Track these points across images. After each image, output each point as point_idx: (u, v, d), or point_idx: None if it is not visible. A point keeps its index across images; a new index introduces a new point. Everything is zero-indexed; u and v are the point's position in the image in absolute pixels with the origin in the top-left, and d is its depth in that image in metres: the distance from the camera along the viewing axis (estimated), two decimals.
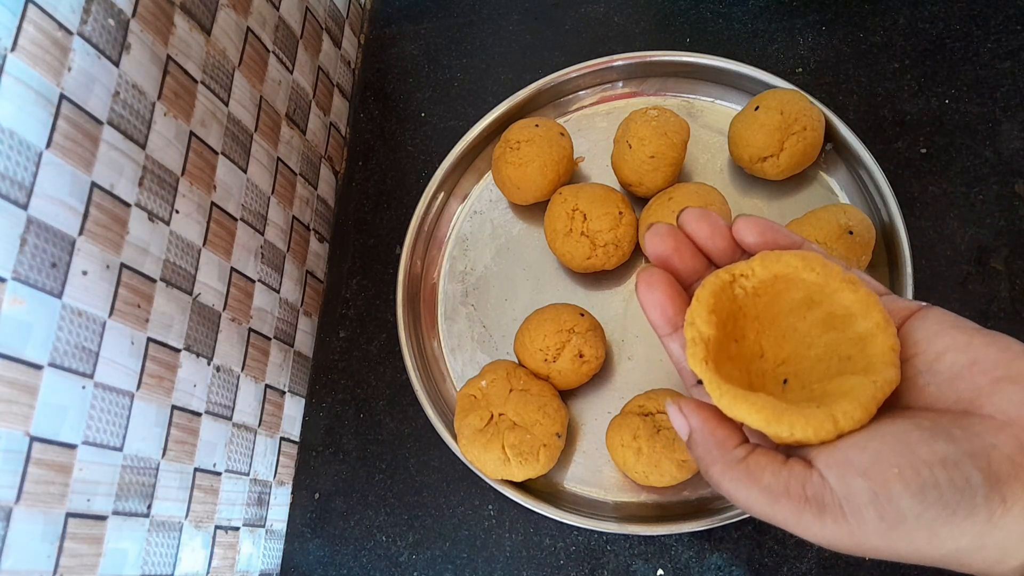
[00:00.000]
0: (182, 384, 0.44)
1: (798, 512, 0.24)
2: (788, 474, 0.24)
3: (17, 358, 0.32)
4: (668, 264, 0.29)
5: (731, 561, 0.46)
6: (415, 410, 0.54)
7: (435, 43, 0.68)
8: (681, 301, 0.29)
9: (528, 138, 0.53)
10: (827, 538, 0.24)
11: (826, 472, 0.24)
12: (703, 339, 0.26)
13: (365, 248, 0.62)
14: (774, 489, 0.24)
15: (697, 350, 0.26)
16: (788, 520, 0.24)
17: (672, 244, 0.29)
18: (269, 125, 0.54)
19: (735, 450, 0.26)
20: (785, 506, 0.24)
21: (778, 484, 0.24)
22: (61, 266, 0.35)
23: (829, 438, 0.24)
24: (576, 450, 0.50)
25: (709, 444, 0.26)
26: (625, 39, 0.63)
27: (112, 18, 0.38)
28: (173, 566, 0.42)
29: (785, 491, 0.24)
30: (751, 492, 0.25)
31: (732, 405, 0.25)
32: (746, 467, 0.25)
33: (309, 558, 0.53)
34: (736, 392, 0.25)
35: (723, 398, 0.25)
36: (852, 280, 0.26)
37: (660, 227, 0.29)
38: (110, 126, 0.38)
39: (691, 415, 0.27)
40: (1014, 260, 0.49)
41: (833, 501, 0.23)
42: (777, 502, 0.24)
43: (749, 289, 0.27)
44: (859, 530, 0.23)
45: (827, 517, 0.23)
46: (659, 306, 0.29)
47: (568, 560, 0.49)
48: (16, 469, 0.32)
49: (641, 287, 0.29)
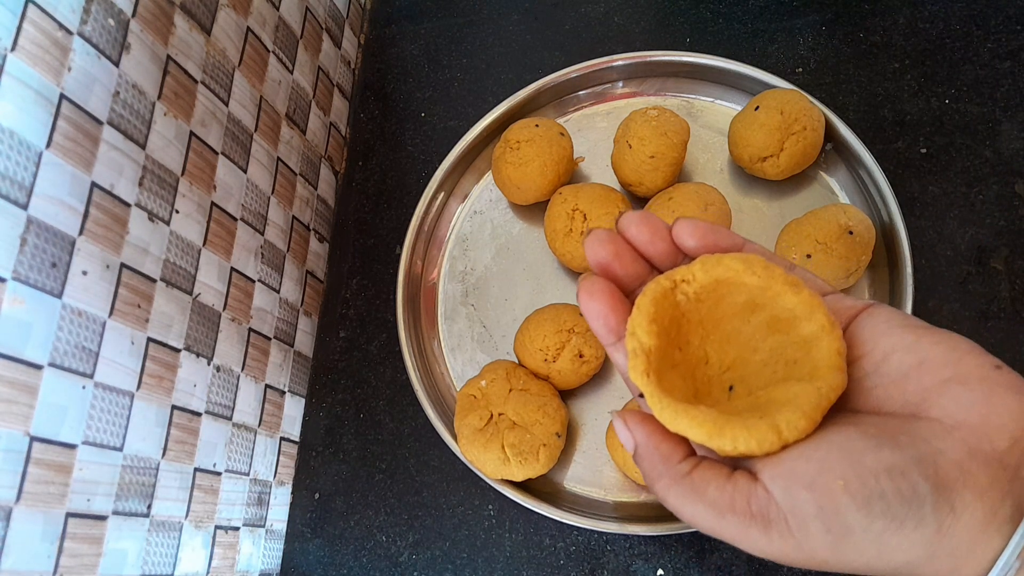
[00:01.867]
0: (182, 384, 0.44)
1: (744, 528, 0.23)
2: (733, 488, 0.24)
3: (17, 358, 0.32)
4: (609, 270, 0.28)
5: (731, 561, 0.46)
6: (415, 410, 0.54)
7: (435, 43, 0.68)
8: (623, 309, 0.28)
9: (528, 138, 0.53)
10: (774, 553, 0.23)
11: (771, 485, 0.23)
12: (644, 350, 0.26)
13: (365, 248, 0.62)
14: (719, 504, 0.24)
15: (638, 362, 0.25)
16: (735, 536, 0.23)
17: (612, 250, 0.28)
18: (269, 125, 0.54)
19: (680, 464, 0.25)
20: (731, 522, 0.23)
21: (723, 499, 0.24)
22: (61, 266, 0.35)
23: (773, 449, 0.23)
24: (576, 450, 0.50)
25: (654, 459, 0.25)
26: (625, 39, 0.63)
27: (112, 18, 0.38)
28: (173, 566, 0.42)
29: (730, 506, 0.23)
30: (696, 507, 0.24)
31: (673, 419, 0.24)
32: (691, 482, 0.24)
33: (309, 558, 0.53)
34: (676, 406, 0.25)
35: (664, 412, 0.25)
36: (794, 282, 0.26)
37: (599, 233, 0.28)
38: (110, 126, 0.38)
39: (635, 428, 0.26)
40: (1014, 260, 0.49)
41: (779, 516, 0.23)
42: (723, 517, 0.23)
43: (691, 294, 0.27)
44: (806, 544, 0.22)
45: (773, 532, 0.23)
46: (601, 316, 0.28)
47: (568, 560, 0.49)
48: (16, 469, 0.32)
49: (582, 296, 0.28)
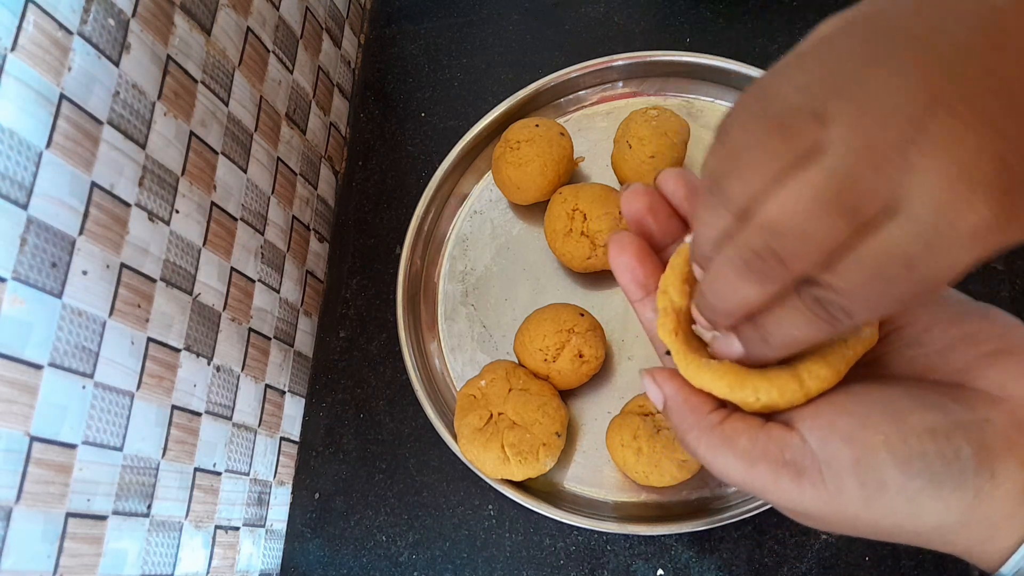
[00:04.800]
0: (182, 384, 0.44)
1: (776, 477, 0.23)
2: (766, 438, 0.23)
3: (17, 358, 0.32)
4: (643, 225, 0.28)
5: (731, 561, 0.46)
6: (415, 410, 0.54)
7: (435, 43, 0.68)
8: (652, 265, 0.28)
9: (528, 138, 0.53)
10: (805, 505, 0.23)
11: (808, 435, 0.23)
12: (675, 309, 0.26)
13: (365, 248, 0.62)
14: (751, 453, 0.23)
15: (667, 320, 0.26)
16: (766, 486, 0.23)
17: (647, 203, 0.28)
18: (269, 125, 0.54)
19: (709, 415, 0.25)
20: (762, 471, 0.23)
21: (755, 448, 0.23)
22: (61, 266, 0.35)
23: (797, 400, 0.24)
24: (576, 450, 0.50)
25: (683, 411, 0.25)
26: (625, 39, 0.63)
27: (112, 18, 0.38)
28: (173, 566, 0.42)
29: (763, 455, 0.23)
30: (727, 458, 0.24)
31: (696, 375, 0.25)
32: (721, 432, 0.24)
33: (309, 558, 0.53)
34: (700, 361, 0.25)
35: (688, 368, 0.25)
36: None
37: (636, 186, 0.28)
38: (110, 126, 0.38)
39: (664, 383, 0.26)
40: (1014, 260, 0.49)
41: (813, 466, 0.22)
42: (754, 466, 0.23)
43: None
44: (838, 497, 0.22)
45: (805, 482, 0.23)
46: (629, 269, 0.28)
47: (568, 560, 0.48)
48: (16, 469, 0.32)
49: (612, 249, 0.28)
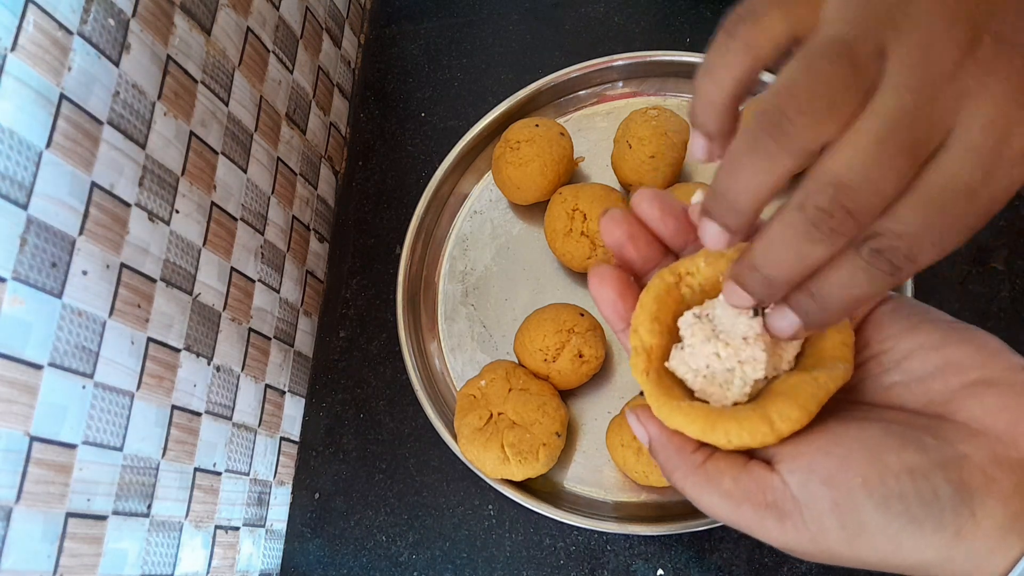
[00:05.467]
0: (182, 384, 0.44)
1: (759, 518, 0.23)
2: (748, 479, 0.24)
3: (17, 358, 0.32)
4: (623, 252, 0.28)
5: (731, 561, 0.46)
6: (415, 410, 0.54)
7: (435, 43, 0.68)
8: (632, 295, 0.28)
9: (528, 138, 0.53)
10: (790, 544, 0.23)
11: (788, 477, 0.23)
12: (644, 348, 0.26)
13: (365, 248, 0.62)
14: (734, 495, 0.24)
15: (639, 361, 0.26)
16: (751, 526, 0.24)
17: (626, 231, 0.28)
18: (269, 125, 0.54)
19: (693, 455, 0.25)
20: (747, 511, 0.23)
21: (738, 489, 0.24)
22: (61, 266, 0.35)
23: (769, 441, 0.23)
24: (576, 450, 0.50)
25: (668, 450, 0.26)
26: (625, 39, 0.63)
27: (112, 18, 0.38)
28: (173, 566, 0.42)
29: (746, 496, 0.23)
30: (712, 497, 0.24)
31: (669, 417, 0.25)
32: (705, 472, 0.24)
33: (309, 558, 0.53)
34: (671, 404, 0.25)
35: (660, 410, 0.25)
36: None
37: (614, 212, 0.28)
38: (110, 126, 0.38)
39: (647, 423, 0.26)
40: (1014, 260, 0.49)
41: (794, 508, 0.23)
42: (739, 507, 0.23)
43: (696, 287, 0.27)
44: (820, 538, 0.22)
45: (788, 524, 0.23)
46: (610, 303, 0.28)
47: (568, 560, 0.48)
48: (16, 469, 0.32)
49: (592, 282, 0.28)
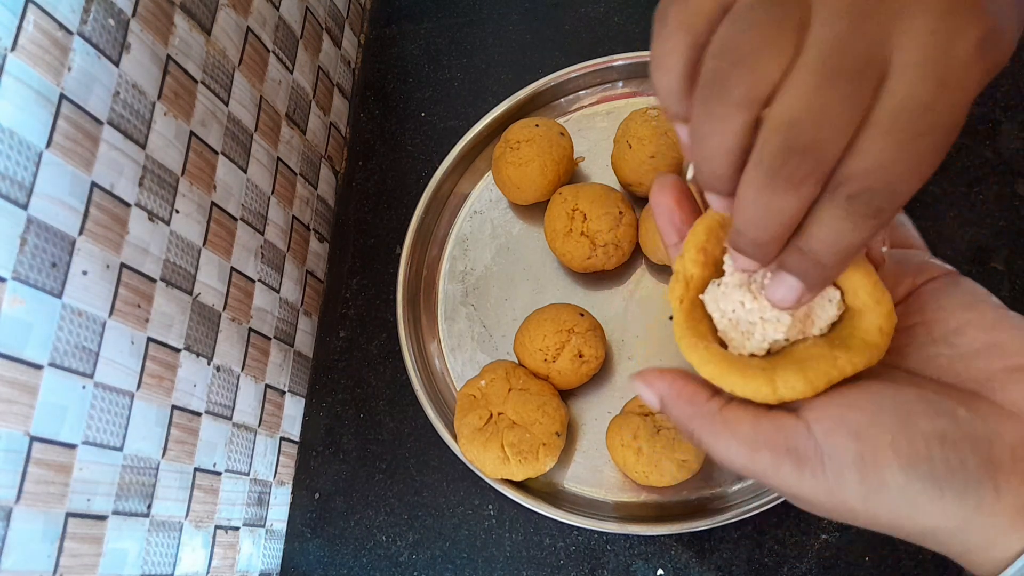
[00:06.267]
0: (182, 384, 0.43)
1: (777, 463, 0.23)
2: (769, 424, 0.24)
3: (17, 358, 0.32)
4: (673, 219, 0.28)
5: (731, 561, 0.46)
6: (415, 410, 0.54)
7: (435, 43, 0.68)
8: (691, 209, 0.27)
9: (528, 138, 0.53)
10: (804, 493, 0.23)
11: (814, 425, 0.23)
12: (685, 277, 0.26)
13: (365, 248, 0.62)
14: (754, 440, 0.24)
15: (677, 286, 0.26)
16: (767, 471, 0.23)
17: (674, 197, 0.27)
18: (269, 125, 0.54)
19: (708, 403, 0.25)
20: (765, 456, 0.23)
21: (757, 435, 0.24)
22: (61, 266, 0.35)
23: (769, 402, 0.24)
24: (576, 450, 0.50)
25: (680, 403, 0.25)
26: (625, 39, 0.63)
27: (112, 18, 0.38)
28: (173, 566, 0.42)
29: (765, 442, 0.23)
30: (729, 444, 0.24)
31: (688, 351, 0.25)
32: (723, 418, 0.24)
33: (309, 558, 0.53)
34: (694, 340, 0.25)
35: (681, 340, 0.25)
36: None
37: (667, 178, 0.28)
38: (110, 126, 0.38)
39: (655, 381, 0.26)
40: (1014, 260, 0.49)
41: (816, 456, 0.23)
42: (757, 452, 0.23)
43: None
44: (837, 490, 0.22)
45: (806, 471, 0.23)
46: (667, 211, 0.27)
47: (568, 560, 0.48)
48: (16, 469, 0.32)
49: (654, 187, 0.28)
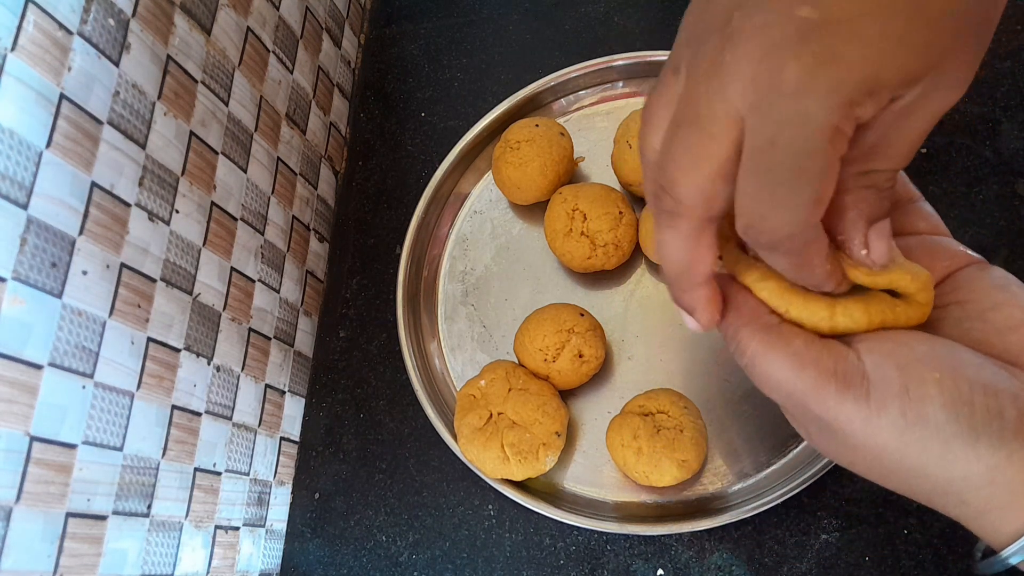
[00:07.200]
0: (182, 384, 0.43)
1: (820, 384, 0.23)
2: (821, 345, 0.24)
3: (17, 358, 0.32)
4: None
5: (731, 561, 0.46)
6: (415, 410, 0.54)
7: (435, 43, 0.68)
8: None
9: (528, 138, 0.53)
10: (840, 418, 0.23)
11: (865, 355, 0.24)
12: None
13: (365, 248, 0.62)
14: (803, 356, 0.24)
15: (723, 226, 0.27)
16: (807, 391, 0.24)
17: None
18: (269, 125, 0.54)
19: (768, 316, 0.26)
20: (809, 375, 0.24)
21: (808, 352, 0.24)
22: (61, 266, 0.35)
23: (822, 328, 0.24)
24: (576, 450, 0.50)
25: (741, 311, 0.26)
26: (625, 39, 0.63)
27: (112, 18, 0.38)
28: (173, 566, 0.42)
29: (814, 361, 0.24)
30: (777, 355, 0.24)
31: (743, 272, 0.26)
32: (779, 331, 0.25)
33: (309, 558, 0.53)
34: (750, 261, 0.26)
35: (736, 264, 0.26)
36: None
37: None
38: (110, 126, 0.38)
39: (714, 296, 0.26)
40: (1014, 260, 0.49)
41: (861, 382, 0.23)
42: (803, 370, 0.24)
43: None
44: (876, 418, 0.23)
45: (848, 396, 0.23)
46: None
47: (568, 560, 0.48)
48: (16, 469, 0.32)
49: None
